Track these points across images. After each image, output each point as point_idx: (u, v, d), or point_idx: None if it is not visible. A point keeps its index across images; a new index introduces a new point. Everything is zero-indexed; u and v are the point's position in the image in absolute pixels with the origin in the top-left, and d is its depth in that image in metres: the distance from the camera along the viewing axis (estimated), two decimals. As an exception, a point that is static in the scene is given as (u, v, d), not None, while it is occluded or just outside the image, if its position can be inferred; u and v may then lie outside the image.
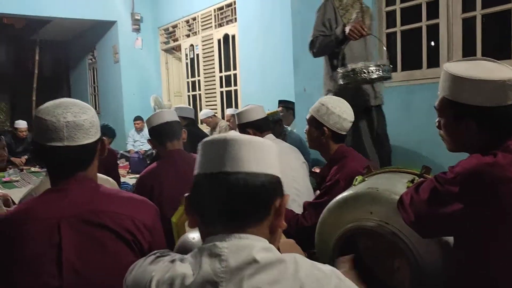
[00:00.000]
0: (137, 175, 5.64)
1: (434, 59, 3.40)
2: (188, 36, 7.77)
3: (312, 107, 2.21)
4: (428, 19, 3.45)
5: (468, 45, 3.22)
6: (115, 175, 3.75)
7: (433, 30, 3.41)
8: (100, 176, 1.91)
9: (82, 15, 8.15)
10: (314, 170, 3.53)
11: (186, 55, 7.89)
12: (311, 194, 2.52)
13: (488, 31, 3.23)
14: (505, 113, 1.25)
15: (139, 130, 7.83)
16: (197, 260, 0.86)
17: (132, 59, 8.65)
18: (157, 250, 1.00)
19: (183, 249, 1.19)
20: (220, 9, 6.88)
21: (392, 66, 2.82)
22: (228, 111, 6.10)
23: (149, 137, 2.52)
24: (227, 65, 6.92)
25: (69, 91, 11.83)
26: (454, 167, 1.23)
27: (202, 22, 7.32)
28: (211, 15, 7.07)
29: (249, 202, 0.88)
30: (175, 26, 8.11)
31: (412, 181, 1.51)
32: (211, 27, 7.10)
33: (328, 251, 1.59)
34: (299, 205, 2.24)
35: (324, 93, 3.00)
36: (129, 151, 7.36)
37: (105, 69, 9.43)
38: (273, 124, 3.99)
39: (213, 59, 7.13)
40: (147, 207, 1.35)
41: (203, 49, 7.34)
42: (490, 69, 1.28)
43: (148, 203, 1.38)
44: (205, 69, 7.37)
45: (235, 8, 6.51)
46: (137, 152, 7.07)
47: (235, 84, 6.75)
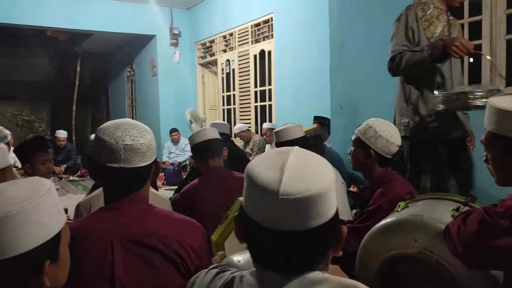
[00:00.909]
0: (172, 186, 5.75)
1: (477, 80, 3.35)
2: (225, 51, 7.90)
3: (359, 128, 2.20)
4: (470, 39, 3.40)
5: (512, 67, 3.17)
6: (154, 187, 3.83)
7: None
8: (154, 193, 1.97)
9: (123, 29, 8.45)
10: (351, 189, 3.51)
11: (222, 69, 8.02)
12: (349, 215, 2.51)
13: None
14: None
15: (175, 142, 7.98)
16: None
17: (169, 73, 8.85)
18: (215, 265, 1.01)
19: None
20: (257, 25, 6.97)
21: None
22: (265, 125, 6.11)
23: (191, 154, 2.58)
24: (262, 80, 6.99)
25: (107, 102, 12.16)
26: (506, 200, 1.22)
27: (239, 37, 7.44)
28: (248, 31, 7.18)
29: (310, 254, 0.84)
30: (212, 41, 8.26)
31: (457, 210, 1.49)
32: (248, 42, 7.21)
33: (370, 277, 1.59)
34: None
35: (398, 120, 2.62)
36: (164, 163, 7.50)
37: (143, 81, 9.67)
38: (313, 140, 4.02)
39: (248, 74, 7.22)
40: (195, 229, 1.38)
41: (239, 64, 7.44)
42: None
43: (196, 225, 1.40)
44: (240, 84, 7.47)
45: (272, 24, 6.59)
46: (172, 163, 7.19)
47: (270, 99, 6.80)
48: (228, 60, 7.84)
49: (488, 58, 2.93)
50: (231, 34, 7.66)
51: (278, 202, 0.77)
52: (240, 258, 1.24)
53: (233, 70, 7.66)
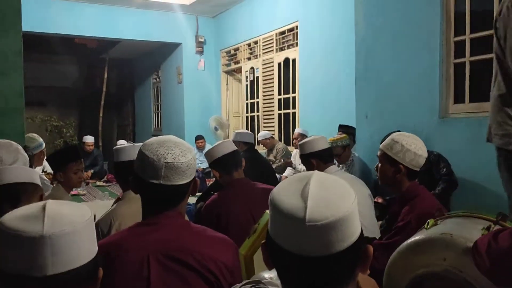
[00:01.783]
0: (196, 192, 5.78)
1: (505, 91, 3.28)
2: (249, 59, 7.96)
3: (384, 144, 2.19)
4: (499, 50, 3.34)
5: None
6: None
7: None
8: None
9: (150, 37, 8.62)
10: (376, 200, 3.49)
11: (247, 77, 8.08)
12: (376, 229, 2.50)
13: None
14: None
15: (200, 149, 7.95)
16: None
17: (194, 80, 8.96)
18: (248, 281, 1.03)
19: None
20: (282, 33, 7.00)
21: None
22: (297, 131, 6.05)
23: (213, 168, 2.55)
24: (286, 88, 7.01)
25: (133, 108, 12.36)
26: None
27: (263, 45, 7.48)
28: (272, 39, 7.22)
29: (338, 277, 0.84)
30: (237, 49, 8.34)
31: (487, 229, 1.47)
32: (272, 50, 7.24)
33: (397, 294, 1.58)
34: (365, 241, 2.22)
35: (498, 140, 2.07)
36: (188, 169, 7.52)
37: (168, 88, 9.81)
38: (342, 149, 4.02)
39: (272, 82, 7.25)
40: (229, 247, 1.40)
41: (263, 71, 7.48)
42: None
43: (229, 242, 1.43)
44: (264, 91, 7.50)
45: (297, 32, 6.61)
46: (196, 170, 7.21)
47: (294, 107, 6.81)
48: (252, 68, 7.89)
49: None
50: (255, 42, 7.71)
51: (305, 229, 0.78)
52: (272, 275, 1.25)
53: (257, 77, 7.71)
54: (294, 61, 6.73)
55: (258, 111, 7.77)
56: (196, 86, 8.96)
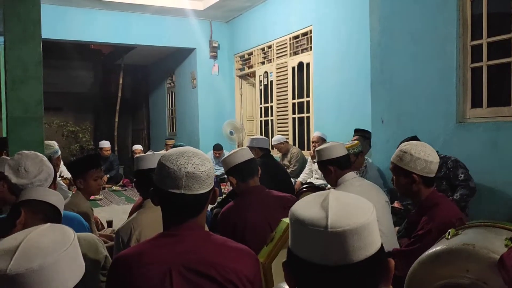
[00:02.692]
0: (216, 202, 5.80)
1: None
2: (263, 63, 7.97)
3: (394, 156, 2.18)
4: None
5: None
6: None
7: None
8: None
9: (164, 42, 8.68)
10: (394, 205, 3.46)
11: (260, 81, 8.09)
12: (394, 235, 2.49)
13: None
14: None
15: (218, 159, 7.69)
16: None
17: (208, 85, 9.01)
18: None
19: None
20: (296, 37, 7.01)
21: None
22: (316, 134, 6.01)
23: (230, 175, 2.54)
24: (300, 92, 7.00)
25: (148, 113, 12.46)
26: None
27: (277, 50, 7.49)
28: (286, 43, 7.22)
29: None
30: (250, 54, 8.36)
31: (511, 239, 1.46)
32: (286, 55, 7.25)
33: (419, 304, 1.57)
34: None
35: None
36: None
37: (182, 93, 9.87)
38: (355, 156, 4.00)
39: (286, 86, 7.25)
40: (250, 258, 1.41)
41: (277, 76, 7.49)
42: None
43: (251, 254, 1.43)
44: (278, 96, 7.51)
45: (310, 37, 6.61)
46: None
47: (308, 111, 6.80)
48: (266, 72, 7.90)
49: None
50: (269, 47, 7.72)
51: (328, 236, 0.80)
52: (289, 286, 1.26)
53: (271, 82, 7.72)
54: (308, 65, 6.73)
55: (272, 115, 7.78)
56: (210, 91, 9.00)
